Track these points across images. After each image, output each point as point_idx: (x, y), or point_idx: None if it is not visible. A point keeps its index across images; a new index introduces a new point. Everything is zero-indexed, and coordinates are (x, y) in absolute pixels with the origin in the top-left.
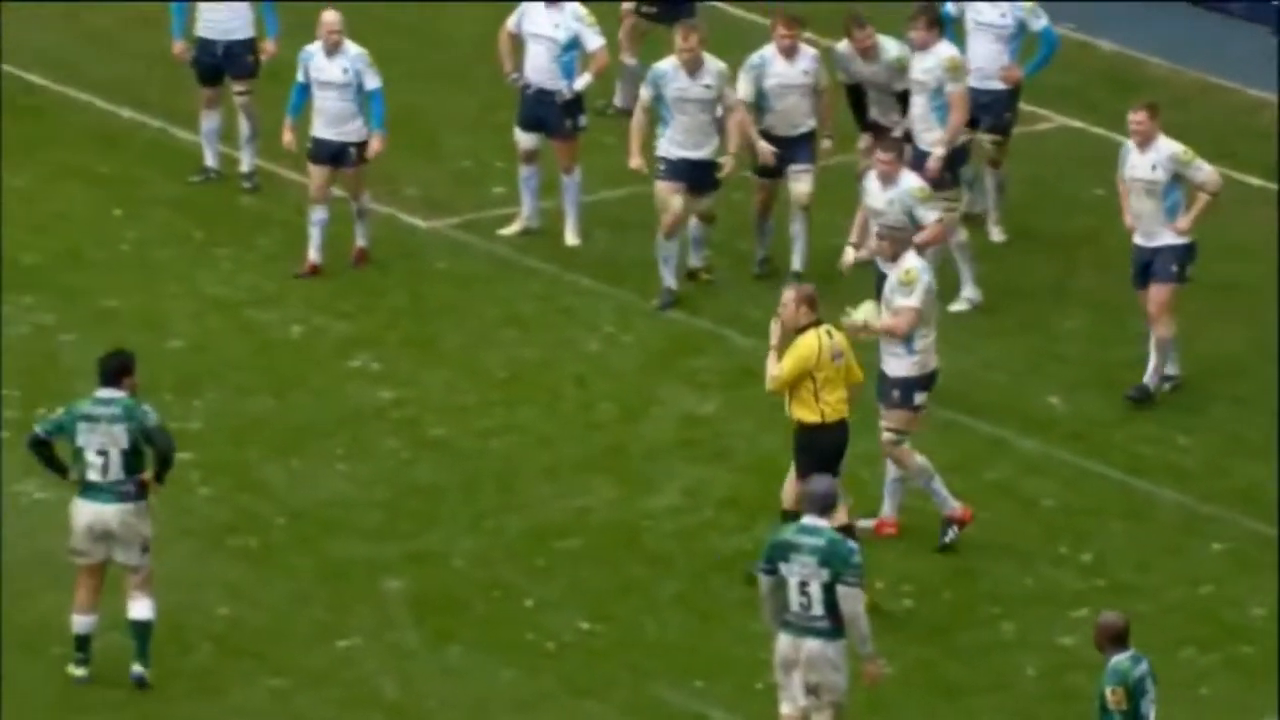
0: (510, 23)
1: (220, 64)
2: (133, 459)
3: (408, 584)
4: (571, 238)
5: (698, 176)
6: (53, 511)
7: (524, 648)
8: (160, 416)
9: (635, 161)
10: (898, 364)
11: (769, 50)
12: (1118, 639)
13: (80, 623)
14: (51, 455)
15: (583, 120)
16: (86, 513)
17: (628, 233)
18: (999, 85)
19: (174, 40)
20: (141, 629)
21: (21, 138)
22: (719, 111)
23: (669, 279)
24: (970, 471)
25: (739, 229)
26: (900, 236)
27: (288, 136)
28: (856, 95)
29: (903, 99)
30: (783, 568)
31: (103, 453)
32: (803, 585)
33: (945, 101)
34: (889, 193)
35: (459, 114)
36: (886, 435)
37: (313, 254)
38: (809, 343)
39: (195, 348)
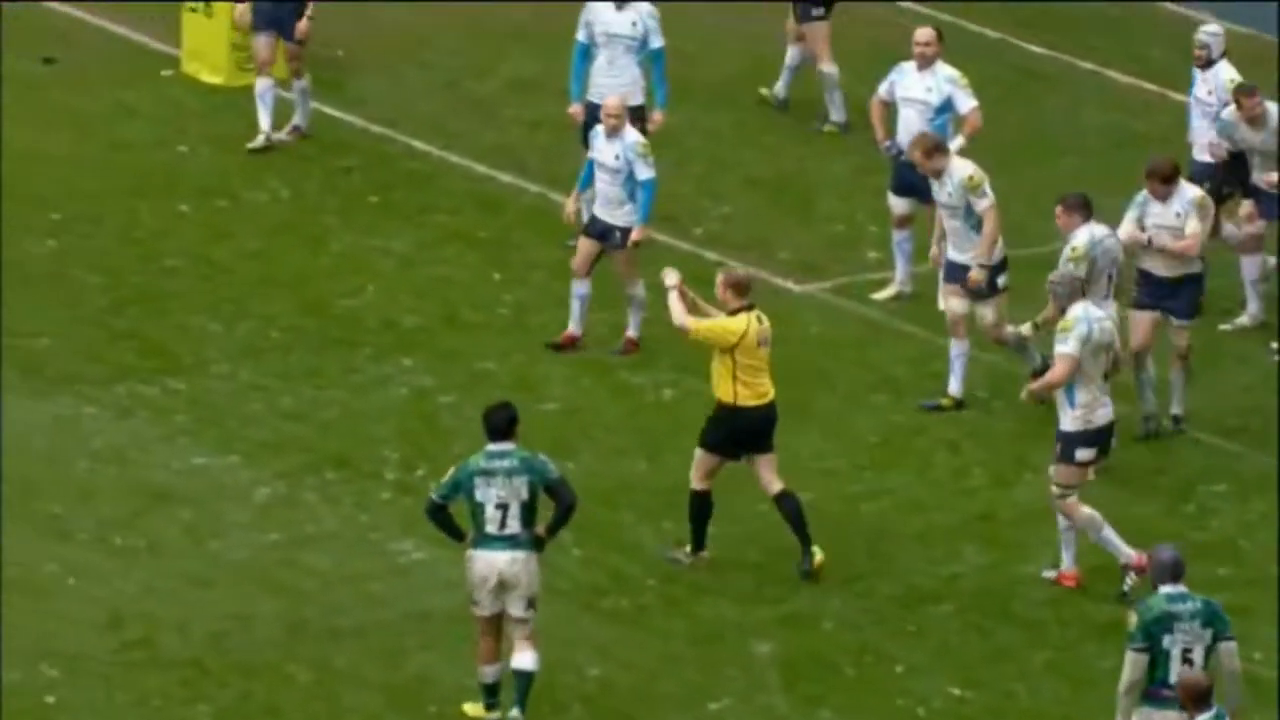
0: (882, 90)
1: None
2: (530, 511)
3: (777, 647)
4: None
5: (963, 279)
6: (430, 571)
7: (894, 713)
8: (559, 468)
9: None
10: (1062, 418)
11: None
12: (1201, 699)
13: (487, 673)
14: (449, 520)
15: None
16: (482, 564)
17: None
18: (1208, 159)
19: (572, 102)
20: (525, 678)
21: (405, 203)
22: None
23: (952, 383)
24: None
25: None
26: (1057, 291)
27: (570, 208)
28: (1239, 162)
29: None
30: (1165, 640)
31: (502, 506)
32: (1186, 653)
33: None
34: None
35: (833, 178)
36: (1052, 489)
37: (572, 326)
38: (737, 323)
39: (569, 410)
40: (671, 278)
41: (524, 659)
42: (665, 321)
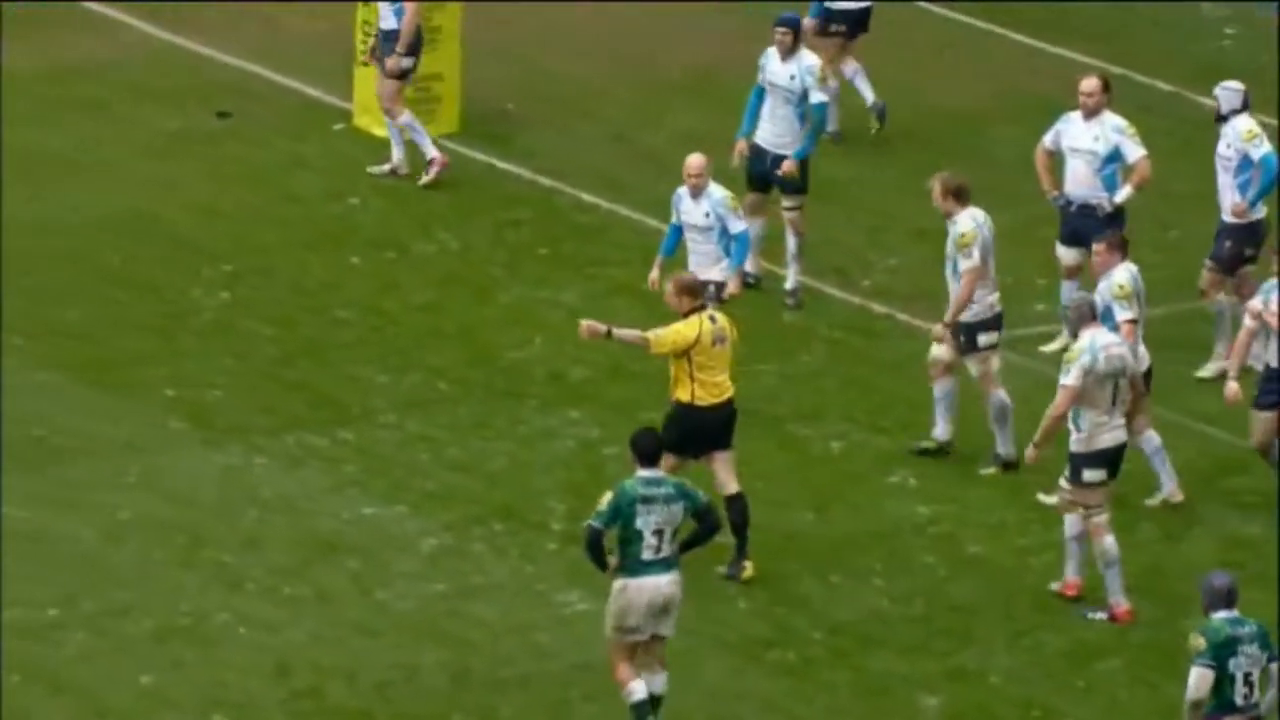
0: (1047, 140)
1: (768, 175)
2: (676, 535)
3: (944, 701)
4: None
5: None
6: (595, 622)
7: None
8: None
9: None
10: (1070, 439)
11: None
12: None
13: (637, 689)
14: (603, 550)
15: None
16: (647, 589)
17: (1169, 350)
18: (1230, 219)
19: (739, 138)
20: (658, 703)
21: (574, 255)
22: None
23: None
24: None
25: None
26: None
27: (654, 274)
28: None
29: None
30: (1230, 664)
31: (659, 531)
32: (1247, 676)
33: None
34: (1100, 284)
35: (1001, 230)
36: (1080, 509)
37: None
38: (691, 326)
39: (736, 461)
40: (599, 327)
41: (659, 681)
42: (834, 374)
